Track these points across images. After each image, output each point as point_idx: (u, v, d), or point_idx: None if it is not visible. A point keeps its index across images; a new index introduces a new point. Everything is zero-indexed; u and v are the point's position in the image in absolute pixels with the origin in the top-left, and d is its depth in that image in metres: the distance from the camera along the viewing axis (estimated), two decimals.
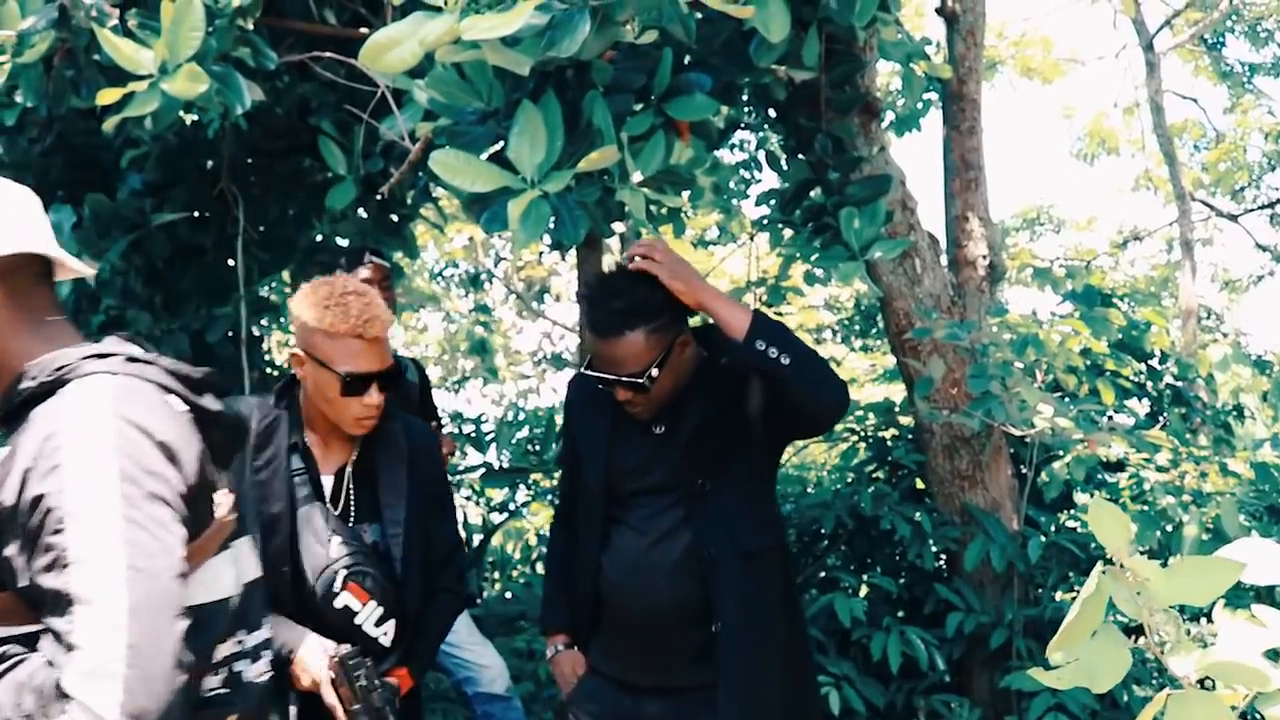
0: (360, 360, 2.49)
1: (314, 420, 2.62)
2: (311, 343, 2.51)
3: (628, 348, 2.66)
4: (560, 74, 2.79)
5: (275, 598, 2.39)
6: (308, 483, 2.58)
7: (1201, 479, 4.90)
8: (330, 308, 2.47)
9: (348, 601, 2.51)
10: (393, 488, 2.63)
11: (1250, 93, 17.48)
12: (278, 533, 2.51)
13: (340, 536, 2.54)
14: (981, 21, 5.00)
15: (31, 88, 3.25)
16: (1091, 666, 1.43)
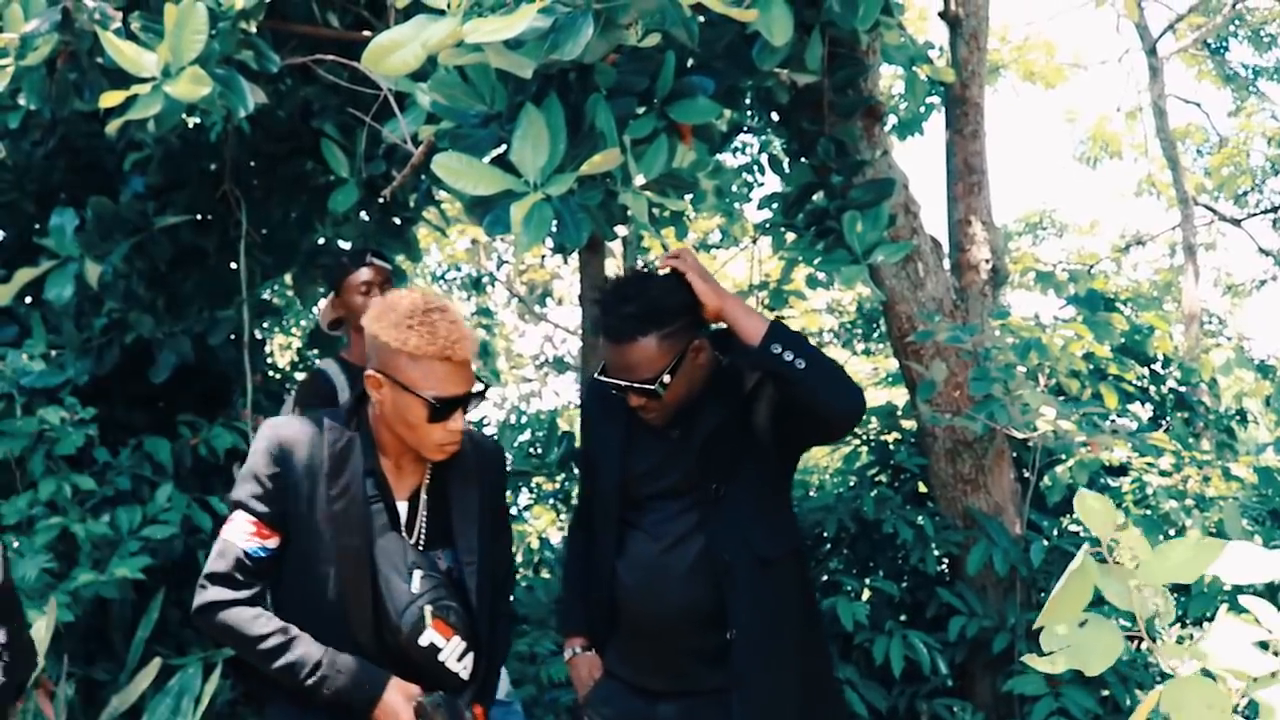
0: (448, 384, 2.33)
1: (386, 443, 2.43)
2: (393, 365, 2.33)
3: (640, 353, 2.67)
4: (563, 77, 2.79)
5: (353, 637, 2.35)
6: (383, 511, 2.42)
7: (1204, 483, 4.89)
8: (414, 327, 2.30)
9: (433, 638, 2.37)
10: (465, 511, 2.49)
11: (1254, 97, 17.46)
12: (357, 567, 2.36)
13: (422, 569, 2.40)
14: (985, 25, 5.00)
15: (34, 90, 3.25)
16: (1084, 651, 1.45)
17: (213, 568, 2.36)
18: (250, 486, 2.37)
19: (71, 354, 4.59)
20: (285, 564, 2.39)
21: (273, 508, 2.36)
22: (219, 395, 5.13)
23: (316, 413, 2.47)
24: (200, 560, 4.53)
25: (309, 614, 2.36)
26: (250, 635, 2.33)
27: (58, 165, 5.00)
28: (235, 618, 2.33)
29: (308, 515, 2.36)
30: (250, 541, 2.35)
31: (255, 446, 2.40)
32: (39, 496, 4.17)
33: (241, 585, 2.34)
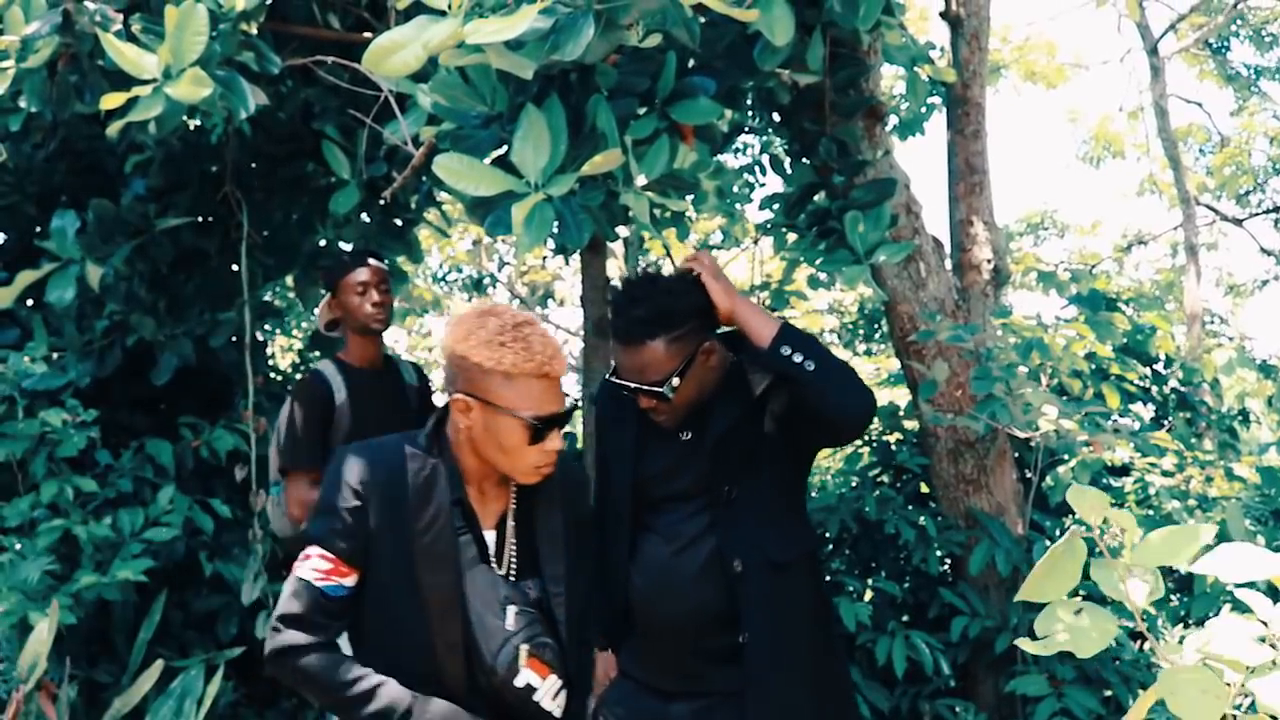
0: (546, 402, 2.18)
1: (470, 468, 2.27)
2: (484, 387, 2.16)
3: (649, 356, 2.67)
4: (564, 78, 2.79)
5: (442, 680, 2.19)
6: (471, 542, 2.25)
7: (1207, 483, 4.89)
8: (508, 344, 2.14)
9: (529, 678, 2.21)
10: (552, 538, 2.33)
11: (1255, 96, 17.46)
12: (447, 605, 2.19)
13: (515, 604, 2.24)
14: (986, 26, 5.00)
15: (35, 93, 3.25)
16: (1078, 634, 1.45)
17: (287, 609, 2.18)
18: (327, 520, 2.20)
19: (73, 356, 4.59)
20: (364, 603, 2.22)
21: (352, 543, 2.19)
22: (220, 397, 5.13)
23: (392, 438, 2.29)
24: (202, 562, 4.54)
25: (393, 656, 2.20)
26: (332, 682, 2.15)
27: (59, 168, 5.00)
28: (315, 664, 2.16)
29: (392, 551, 2.19)
30: (327, 580, 2.18)
31: (330, 478, 2.24)
32: (41, 499, 4.17)
33: (319, 628, 2.18)
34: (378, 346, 3.89)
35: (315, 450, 3.74)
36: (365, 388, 3.80)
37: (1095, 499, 1.39)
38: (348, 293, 3.78)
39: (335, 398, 3.75)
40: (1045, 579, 1.41)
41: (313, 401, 3.75)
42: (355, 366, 3.83)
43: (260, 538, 4.35)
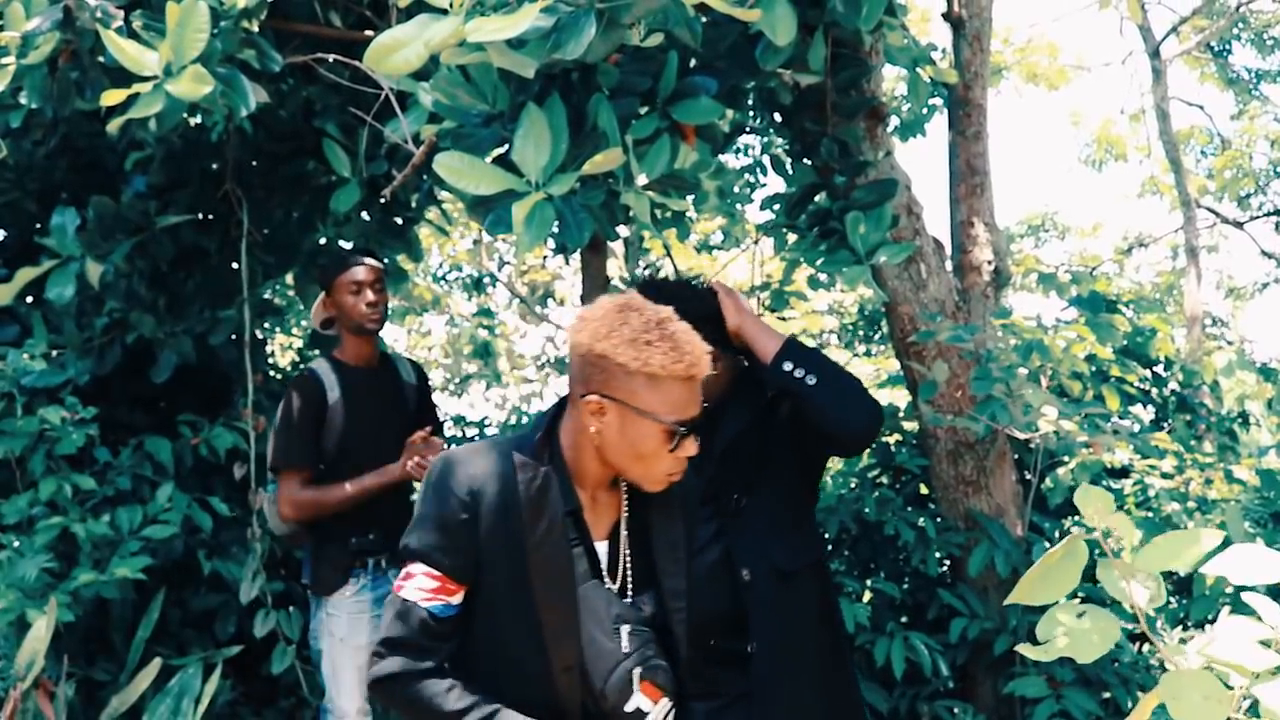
0: (690, 406, 2.02)
1: (585, 475, 2.10)
2: (625, 388, 1.98)
3: None
4: (565, 77, 2.78)
5: (554, 704, 2.05)
6: (583, 556, 2.09)
7: (1206, 485, 4.89)
8: (655, 344, 1.96)
9: (640, 703, 2.06)
10: (669, 550, 2.18)
11: (1257, 99, 17.46)
12: (563, 625, 2.04)
13: (629, 622, 2.08)
14: (988, 27, 5.00)
15: (36, 89, 3.25)
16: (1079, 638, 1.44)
17: (392, 633, 2.03)
18: (431, 534, 2.03)
19: (72, 354, 4.58)
20: (470, 623, 2.08)
21: (460, 559, 2.02)
22: (220, 395, 5.13)
23: (499, 443, 2.13)
24: (201, 560, 4.53)
25: (503, 681, 2.06)
26: (444, 711, 2.01)
27: (59, 164, 5.00)
28: (425, 691, 2.02)
29: (503, 567, 2.03)
30: (434, 600, 2.02)
31: (434, 485, 2.07)
32: (39, 496, 4.17)
33: (427, 652, 2.03)
34: (373, 345, 3.88)
35: (307, 449, 3.73)
36: (360, 386, 3.78)
37: (1101, 500, 1.39)
38: (342, 292, 3.75)
39: (328, 397, 3.73)
40: (1041, 581, 1.40)
41: (305, 400, 3.73)
42: (350, 365, 3.81)
43: (259, 536, 4.34)
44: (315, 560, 3.80)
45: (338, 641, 3.73)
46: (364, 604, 3.73)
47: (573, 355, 2.06)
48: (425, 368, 4.13)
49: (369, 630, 3.72)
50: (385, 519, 3.69)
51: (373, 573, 3.75)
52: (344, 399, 3.73)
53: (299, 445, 3.73)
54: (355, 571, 3.74)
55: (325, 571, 3.77)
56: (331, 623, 3.74)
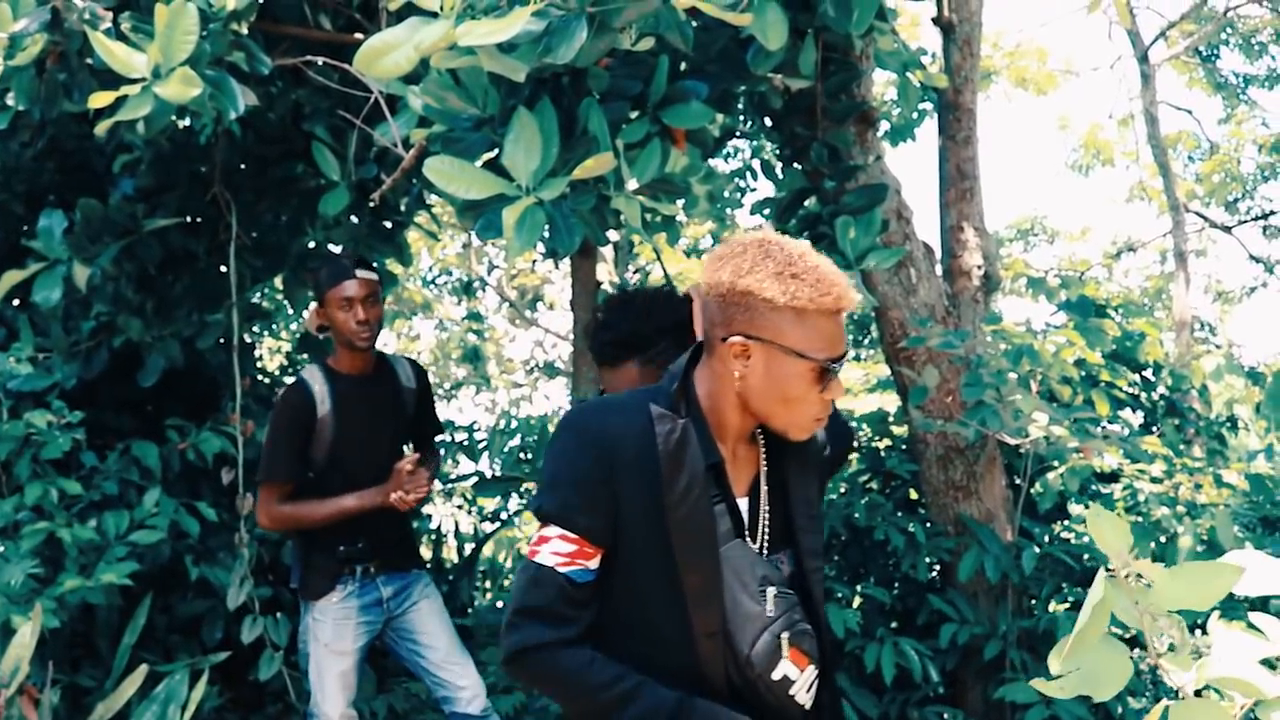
0: (838, 342, 1.89)
1: (725, 427, 1.97)
2: (772, 326, 1.85)
3: (623, 378, 2.66)
4: (556, 81, 2.78)
5: (696, 673, 1.92)
6: (725, 513, 1.96)
7: (1196, 490, 4.89)
8: (800, 276, 1.84)
9: (787, 670, 1.94)
10: (806, 506, 2.06)
11: (1244, 104, 17.53)
12: (707, 588, 1.91)
13: (773, 585, 1.96)
14: (978, 31, 5.01)
15: (23, 91, 3.23)
16: (1092, 674, 1.42)
17: (527, 601, 1.91)
18: (566, 494, 1.91)
19: (59, 357, 4.56)
20: (607, 588, 1.95)
21: (598, 520, 1.90)
22: (207, 399, 5.11)
23: (633, 395, 2.00)
24: (188, 566, 4.51)
25: (643, 649, 1.94)
26: (586, 684, 1.89)
27: (46, 166, 4.97)
28: (565, 662, 1.90)
29: (642, 527, 1.90)
30: (572, 564, 1.90)
31: (565, 444, 1.95)
32: (25, 501, 4.14)
33: (566, 621, 1.91)
34: (367, 354, 3.82)
35: (292, 463, 3.69)
36: (352, 395, 3.73)
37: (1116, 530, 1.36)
38: (333, 307, 3.66)
39: (318, 409, 3.69)
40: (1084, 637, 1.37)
41: (293, 414, 3.69)
42: (343, 373, 3.75)
43: (246, 541, 4.32)
44: (303, 566, 3.79)
45: (322, 646, 3.71)
46: (350, 610, 3.72)
47: (710, 297, 1.92)
48: (422, 367, 4.07)
49: (354, 636, 3.71)
50: (373, 527, 3.68)
51: (360, 579, 3.74)
52: (335, 408, 3.69)
53: (282, 460, 3.69)
54: (343, 578, 3.72)
55: (313, 577, 3.75)
56: (317, 628, 3.73)
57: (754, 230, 2.00)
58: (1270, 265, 18.26)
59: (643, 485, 1.88)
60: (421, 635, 3.81)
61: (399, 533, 3.83)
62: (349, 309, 3.62)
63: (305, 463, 3.70)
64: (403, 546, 3.86)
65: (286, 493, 3.69)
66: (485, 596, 6.80)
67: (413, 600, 3.82)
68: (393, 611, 3.79)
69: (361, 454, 3.71)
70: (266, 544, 4.64)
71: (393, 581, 3.79)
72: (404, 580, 3.82)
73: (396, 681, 5.08)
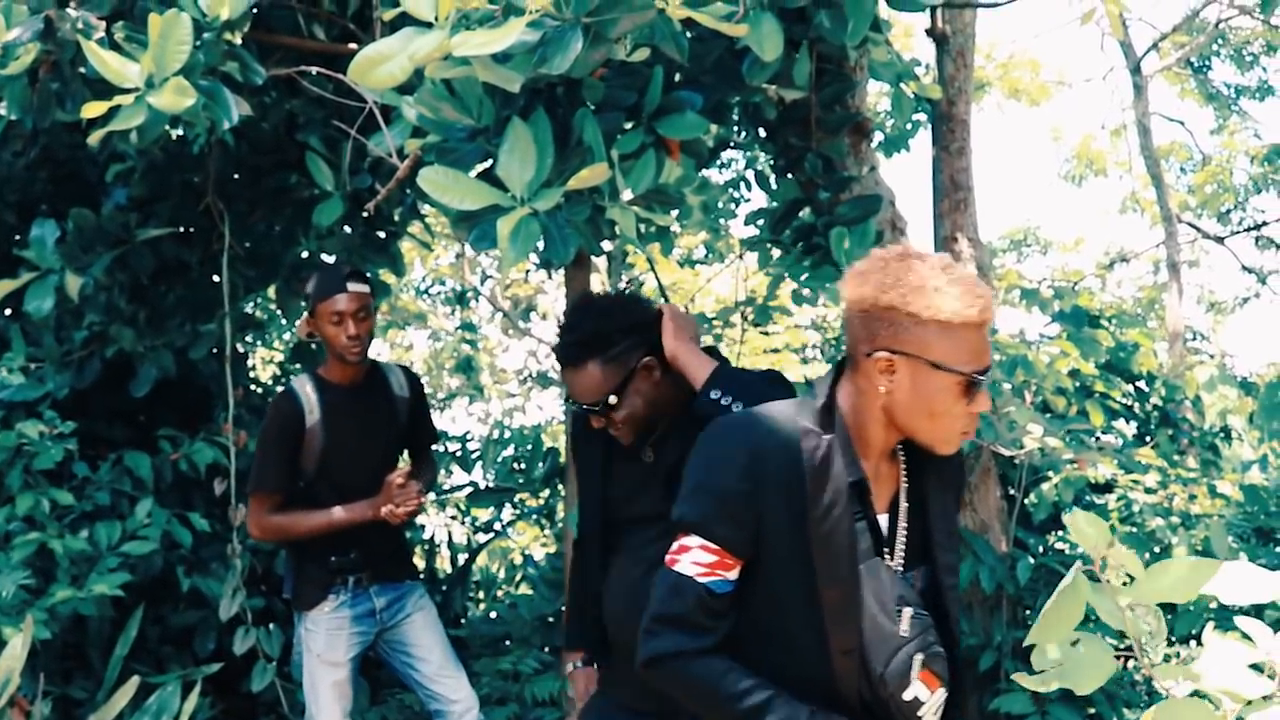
0: (985, 354, 1.90)
1: (874, 442, 1.97)
2: (918, 340, 1.86)
3: (586, 379, 2.69)
4: (550, 91, 2.77)
5: (831, 689, 1.94)
6: (866, 530, 1.96)
7: (1190, 501, 4.90)
8: (943, 289, 1.84)
9: (918, 692, 1.95)
10: (945, 523, 2.06)
11: (1236, 115, 17.59)
12: (845, 604, 1.92)
13: (909, 604, 1.97)
14: (971, 43, 5.01)
15: (16, 100, 3.22)
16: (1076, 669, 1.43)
17: (667, 609, 1.94)
18: (709, 505, 1.93)
19: (51, 367, 4.55)
20: (745, 600, 1.96)
21: (740, 533, 1.91)
22: (200, 409, 5.09)
23: (779, 408, 2.01)
24: (180, 577, 4.49)
25: (777, 663, 1.96)
26: (721, 693, 1.92)
27: (39, 176, 4.96)
28: (700, 671, 1.94)
29: (785, 541, 1.91)
30: (712, 575, 1.92)
31: (711, 454, 1.98)
32: (16, 511, 4.12)
33: (706, 630, 1.93)
34: (358, 365, 3.79)
35: (281, 474, 3.68)
36: (343, 405, 3.71)
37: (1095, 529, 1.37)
38: (324, 320, 3.63)
39: (306, 418, 3.66)
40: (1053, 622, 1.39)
41: (282, 424, 3.67)
42: (334, 383, 3.73)
43: (239, 552, 4.31)
44: (295, 576, 3.77)
45: (315, 657, 3.70)
46: (342, 620, 3.70)
47: (853, 313, 1.93)
48: (415, 374, 4.05)
49: (346, 647, 3.70)
50: (366, 537, 3.66)
51: (352, 589, 3.72)
52: (324, 418, 3.67)
53: (272, 471, 3.68)
54: (335, 588, 3.70)
55: (305, 587, 3.74)
56: (310, 638, 3.71)
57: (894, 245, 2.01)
58: (1263, 276, 18.32)
59: (786, 499, 1.90)
60: (415, 647, 3.80)
61: (392, 543, 3.82)
62: (340, 323, 3.59)
63: (296, 473, 3.69)
64: (396, 557, 3.85)
65: (277, 503, 3.68)
66: (478, 607, 6.78)
67: (406, 612, 3.80)
68: (386, 623, 3.77)
69: (352, 464, 3.69)
70: (259, 555, 4.61)
71: (386, 592, 3.77)
72: (397, 591, 3.80)
73: (390, 693, 5.06)
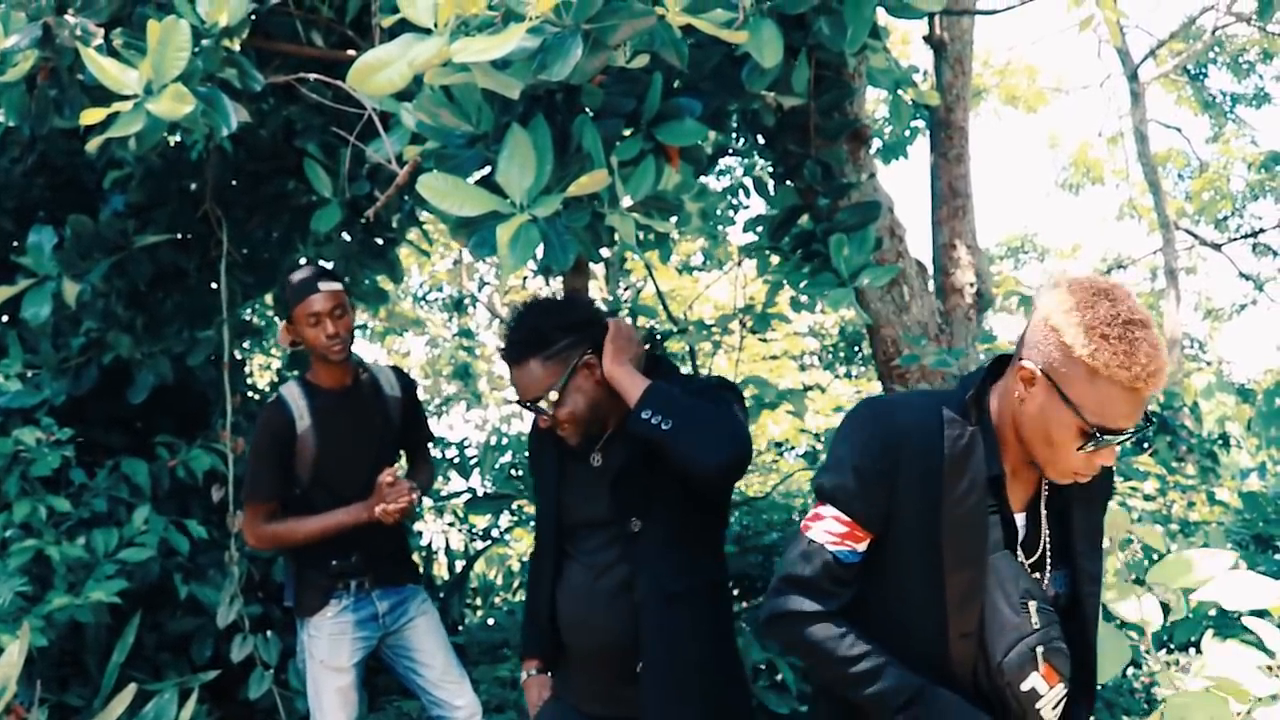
0: (1121, 417, 1.90)
1: (1008, 444, 2.05)
2: (1063, 371, 1.90)
3: (527, 376, 2.77)
4: (549, 98, 2.77)
5: (945, 668, 2.05)
6: (999, 524, 2.05)
7: (1189, 508, 4.90)
8: (1111, 341, 1.85)
9: (1036, 684, 2.03)
10: (1089, 532, 2.13)
11: (1233, 122, 17.61)
12: (969, 588, 2.02)
13: (1035, 599, 2.05)
14: (969, 50, 5.01)
15: (14, 107, 3.22)
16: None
17: (795, 571, 2.07)
18: (849, 479, 2.04)
19: (48, 374, 4.54)
20: (872, 573, 2.08)
21: (874, 508, 2.03)
22: (197, 416, 5.08)
23: (927, 395, 2.13)
24: (177, 584, 4.48)
25: (898, 636, 2.06)
26: (837, 655, 2.03)
27: (36, 182, 4.95)
28: (822, 633, 2.04)
29: (916, 523, 2.01)
30: (841, 544, 2.04)
31: (853, 430, 2.08)
32: (13, 518, 4.11)
33: (828, 595, 2.05)
34: (343, 366, 3.79)
35: (274, 482, 3.68)
36: (333, 409, 3.71)
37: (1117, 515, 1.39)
38: (301, 323, 3.63)
39: (297, 425, 3.66)
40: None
41: (272, 432, 3.67)
42: (323, 388, 3.73)
43: (236, 559, 4.30)
44: (296, 582, 3.76)
45: (318, 663, 3.69)
46: (345, 625, 3.69)
47: (1034, 318, 1.99)
48: (408, 376, 4.04)
49: (350, 652, 3.69)
50: (366, 540, 3.65)
51: (355, 594, 3.71)
52: (315, 424, 3.67)
53: (264, 479, 3.68)
54: (337, 593, 3.70)
55: (306, 593, 3.73)
56: (313, 644, 3.71)
57: (1106, 275, 2.10)
58: (1260, 283, 18.33)
59: (923, 483, 2.00)
60: (418, 653, 3.79)
61: (393, 546, 3.80)
62: (317, 324, 3.60)
63: (289, 480, 3.68)
64: (397, 561, 3.84)
65: (272, 511, 3.68)
66: (476, 614, 6.78)
67: (409, 616, 3.79)
68: (389, 627, 3.76)
69: (346, 468, 3.68)
70: (256, 562, 4.61)
71: (388, 596, 3.77)
72: (400, 595, 3.79)
73: (388, 700, 5.05)
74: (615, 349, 2.78)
